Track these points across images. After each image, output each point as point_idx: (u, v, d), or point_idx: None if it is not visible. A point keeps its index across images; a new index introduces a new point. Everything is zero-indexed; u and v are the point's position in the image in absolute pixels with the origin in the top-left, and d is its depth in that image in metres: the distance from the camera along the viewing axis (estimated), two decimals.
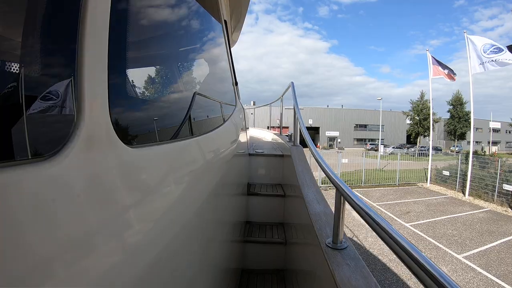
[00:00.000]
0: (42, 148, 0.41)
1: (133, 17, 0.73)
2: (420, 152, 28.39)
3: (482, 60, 13.16)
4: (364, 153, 18.98)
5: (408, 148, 42.71)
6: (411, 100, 40.19)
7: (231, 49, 3.13)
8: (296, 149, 2.95)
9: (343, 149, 46.37)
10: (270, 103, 8.06)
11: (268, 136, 7.33)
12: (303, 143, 3.32)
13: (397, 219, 9.96)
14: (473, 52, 13.86)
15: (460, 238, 8.69)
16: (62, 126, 0.45)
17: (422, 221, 9.87)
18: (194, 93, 1.26)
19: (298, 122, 2.89)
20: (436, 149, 44.09)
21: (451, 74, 17.50)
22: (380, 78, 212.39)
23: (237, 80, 4.37)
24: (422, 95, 39.42)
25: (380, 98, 30.35)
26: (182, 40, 1.18)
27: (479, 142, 56.24)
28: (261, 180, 3.60)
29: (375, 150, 42.64)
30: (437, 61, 17.83)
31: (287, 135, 6.08)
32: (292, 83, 3.58)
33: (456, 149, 42.45)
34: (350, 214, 10.22)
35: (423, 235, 8.69)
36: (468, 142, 48.58)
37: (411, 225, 9.42)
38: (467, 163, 14.62)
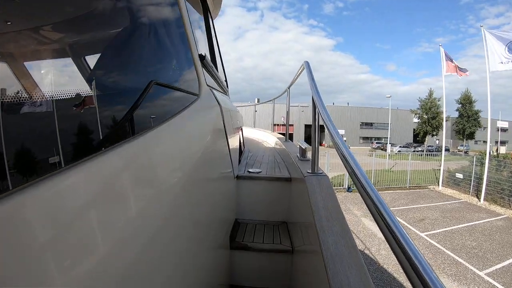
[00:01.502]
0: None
1: None
2: (429, 151, 27.54)
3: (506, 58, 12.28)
4: (372, 153, 18.32)
5: (415, 147, 41.90)
6: (419, 98, 39.20)
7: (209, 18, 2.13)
8: (317, 182, 1.60)
9: (349, 147, 45.53)
10: (274, 99, 7.00)
11: (270, 140, 6.10)
12: (309, 140, 2.17)
13: (411, 227, 9.29)
14: (492, 48, 13.01)
15: (480, 250, 8.02)
16: None
17: (438, 230, 9.20)
18: (91, 72, 0.64)
19: (321, 117, 1.52)
20: (444, 148, 43.15)
21: (462, 71, 16.73)
22: (385, 76, 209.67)
23: (221, 61, 2.94)
24: (430, 93, 38.39)
25: (389, 96, 29.49)
26: None
27: (486, 142, 55.05)
28: (255, 214, 2.41)
29: (381, 149, 41.80)
30: (449, 57, 17.02)
31: (287, 136, 4.68)
32: (307, 62, 2.25)
33: (464, 148, 41.54)
34: (359, 222, 9.58)
35: (440, 247, 8.03)
36: (476, 142, 47.88)
37: (426, 235, 8.76)
38: (480, 165, 13.91)
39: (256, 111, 44.53)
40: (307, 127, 46.40)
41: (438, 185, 15.76)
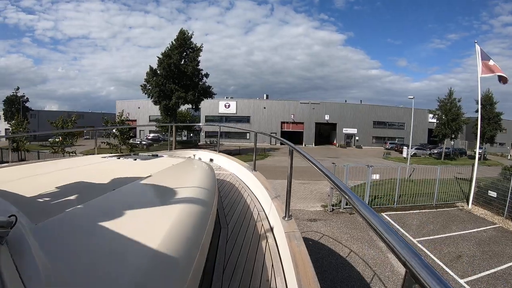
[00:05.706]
0: None
1: None
2: (446, 155, 25.86)
3: None
4: (387, 155, 16.77)
5: (430, 149, 39.99)
6: (438, 97, 36.99)
7: None
8: None
9: (361, 147, 43.78)
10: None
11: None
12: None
13: (449, 270, 7.85)
14: None
15: None
16: None
17: (481, 274, 7.78)
18: None
19: None
20: (460, 151, 41.05)
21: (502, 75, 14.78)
22: (396, 71, 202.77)
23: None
24: (450, 93, 36.12)
25: (412, 97, 27.61)
26: None
27: (503, 144, 52.64)
28: None
29: (395, 150, 39.97)
30: (486, 56, 14.89)
31: None
32: None
33: (482, 151, 39.49)
34: (386, 262, 8.21)
35: None
36: (492, 144, 45.33)
37: (467, 283, 7.37)
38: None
39: (264, 107, 43.02)
40: (318, 124, 44.61)
41: (467, 202, 14.21)
